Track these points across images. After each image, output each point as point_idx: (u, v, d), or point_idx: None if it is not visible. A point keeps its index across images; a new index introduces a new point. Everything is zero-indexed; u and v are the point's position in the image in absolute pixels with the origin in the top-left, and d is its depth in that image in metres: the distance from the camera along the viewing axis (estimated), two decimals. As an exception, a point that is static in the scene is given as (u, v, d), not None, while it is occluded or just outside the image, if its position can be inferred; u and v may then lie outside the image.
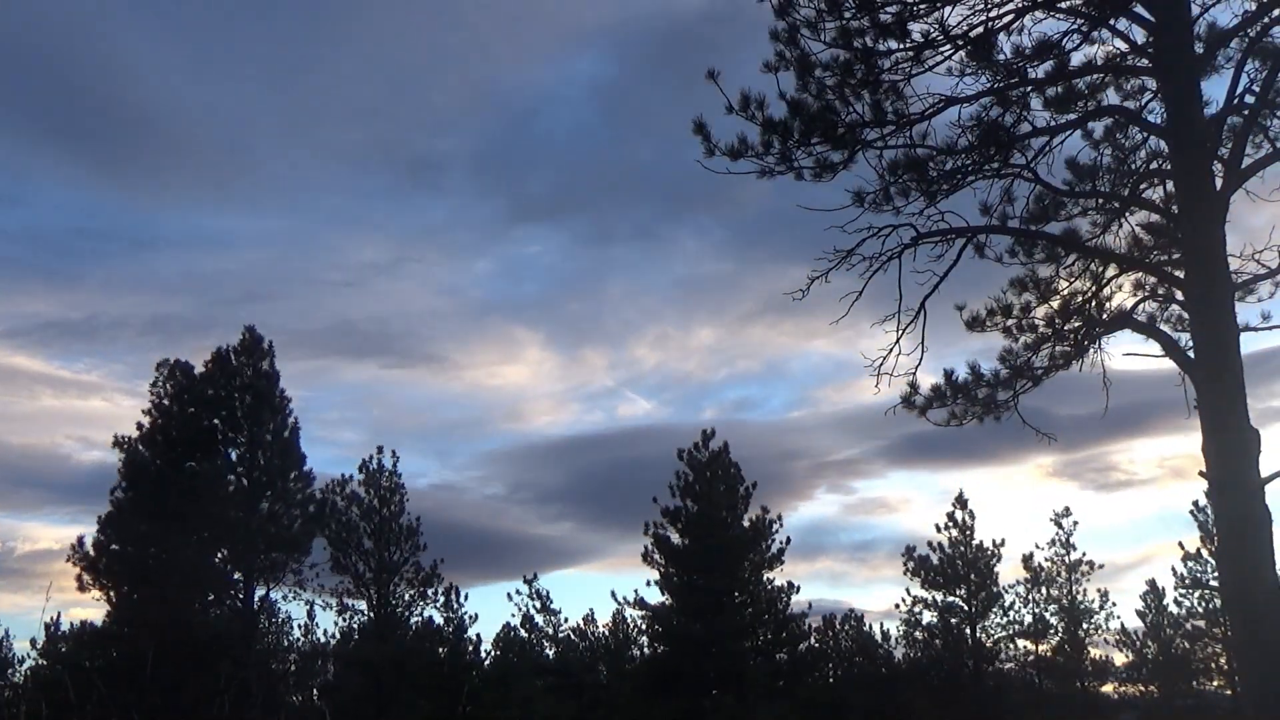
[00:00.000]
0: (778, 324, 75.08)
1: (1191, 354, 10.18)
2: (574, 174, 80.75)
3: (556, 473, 74.48)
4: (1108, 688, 36.19)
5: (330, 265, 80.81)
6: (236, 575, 26.82)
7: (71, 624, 29.24)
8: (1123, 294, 12.17)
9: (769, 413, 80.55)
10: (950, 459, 67.83)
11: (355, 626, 29.93)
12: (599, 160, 78.43)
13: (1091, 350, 11.98)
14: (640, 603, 29.58)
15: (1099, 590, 35.06)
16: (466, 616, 29.70)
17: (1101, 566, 34.98)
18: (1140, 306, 11.95)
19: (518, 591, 34.56)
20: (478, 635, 32.86)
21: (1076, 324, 11.97)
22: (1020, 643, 34.57)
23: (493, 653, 32.90)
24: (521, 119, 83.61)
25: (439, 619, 29.49)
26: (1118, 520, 74.27)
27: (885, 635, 37.06)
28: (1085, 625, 34.54)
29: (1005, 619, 34.20)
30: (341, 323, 79.46)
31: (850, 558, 66.29)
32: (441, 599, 29.49)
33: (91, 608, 46.47)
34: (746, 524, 29.41)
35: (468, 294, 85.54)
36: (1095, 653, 35.17)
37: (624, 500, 64.22)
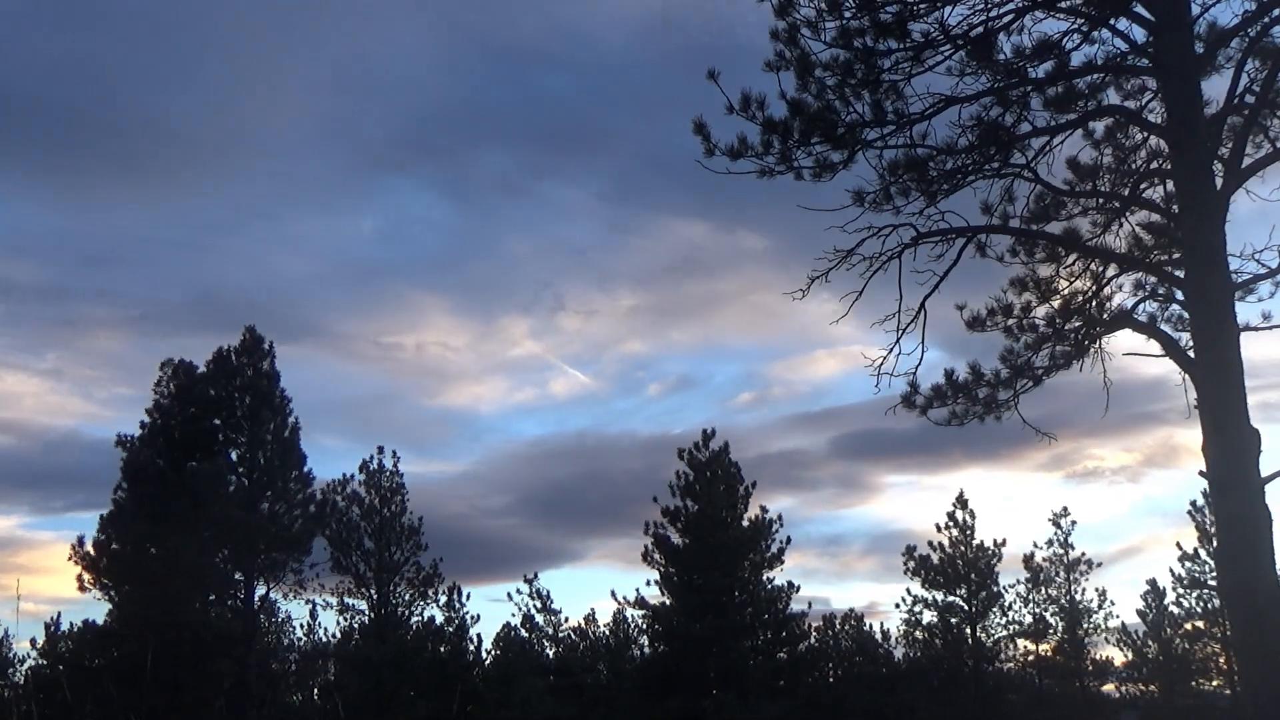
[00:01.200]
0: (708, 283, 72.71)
1: (1191, 354, 10.18)
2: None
3: (519, 466, 70.64)
4: (1108, 687, 36.22)
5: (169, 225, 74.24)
6: (237, 575, 26.85)
7: (72, 624, 29.26)
8: (1123, 294, 12.23)
9: (714, 391, 77.47)
10: (930, 454, 65.91)
11: (356, 626, 29.95)
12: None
13: (1092, 350, 12.00)
14: (640, 602, 29.62)
15: (1098, 590, 35.14)
16: (468, 616, 29.76)
17: (1100, 565, 35.04)
18: (1140, 306, 11.99)
19: (518, 591, 34.65)
20: (478, 635, 32.90)
21: (1077, 324, 11.99)
22: (1020, 643, 34.63)
23: (493, 653, 32.92)
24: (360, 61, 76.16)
25: (440, 619, 29.51)
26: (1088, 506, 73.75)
27: (885, 635, 37.12)
28: (1085, 625, 34.54)
29: (1005, 619, 34.25)
30: (200, 294, 71.00)
31: (821, 552, 65.64)
32: (443, 599, 29.53)
33: (92, 607, 46.48)
34: (746, 524, 29.42)
35: (344, 255, 78.74)
36: (1095, 652, 35.24)
37: (600, 505, 63.27)
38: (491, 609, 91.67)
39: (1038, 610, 34.57)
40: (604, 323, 77.33)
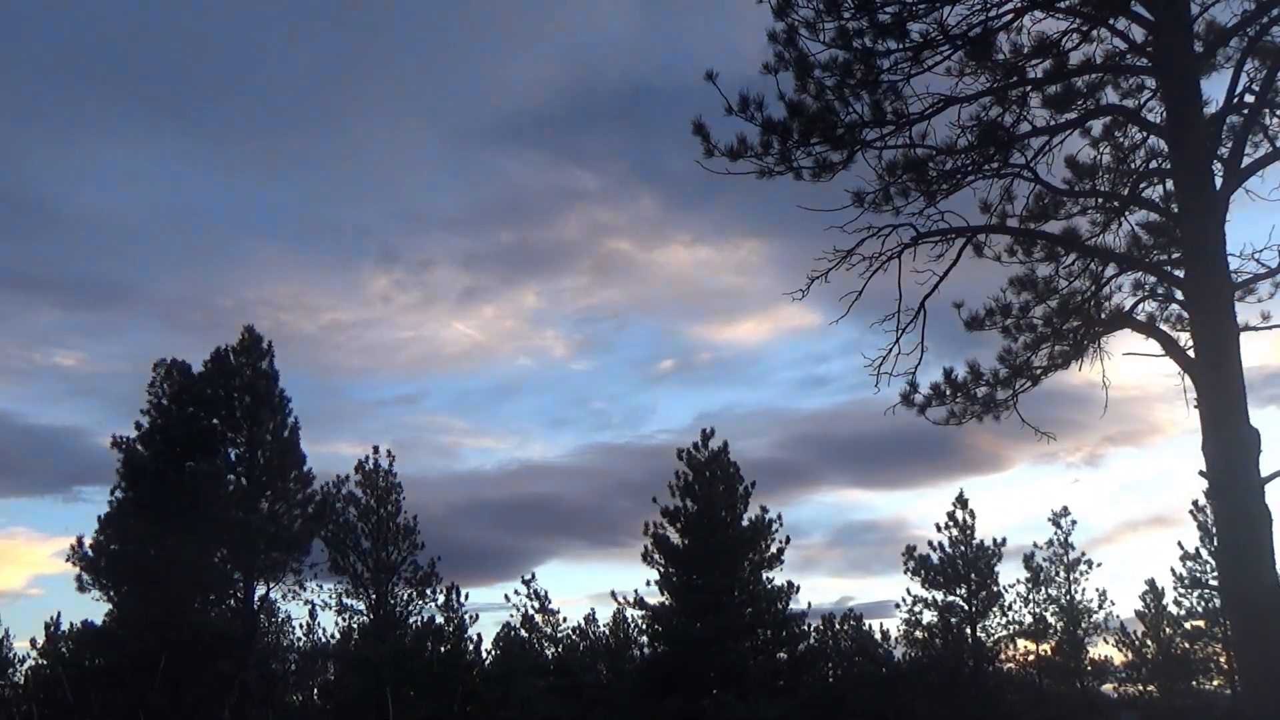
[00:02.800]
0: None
1: (1191, 354, 10.17)
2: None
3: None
4: (1108, 687, 36.22)
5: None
6: (236, 575, 26.81)
7: (71, 624, 29.27)
8: (1122, 293, 12.21)
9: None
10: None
11: (355, 627, 29.94)
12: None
13: (1091, 350, 11.98)
14: (640, 602, 29.60)
15: (1098, 590, 35.15)
16: (467, 616, 29.75)
17: (1100, 565, 35.04)
18: (1140, 306, 11.97)
19: (515, 591, 34.66)
20: (478, 635, 32.87)
21: (1076, 323, 11.97)
22: (1020, 642, 34.63)
23: (493, 653, 32.92)
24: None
25: (439, 619, 29.50)
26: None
27: (885, 635, 37.12)
28: (1084, 624, 34.54)
29: (1005, 619, 34.24)
30: None
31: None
32: (441, 598, 29.52)
33: (92, 607, 46.39)
34: (746, 524, 29.42)
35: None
36: (1095, 652, 35.25)
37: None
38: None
39: (1038, 610, 34.60)
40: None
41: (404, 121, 78.25)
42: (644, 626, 30.76)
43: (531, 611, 34.29)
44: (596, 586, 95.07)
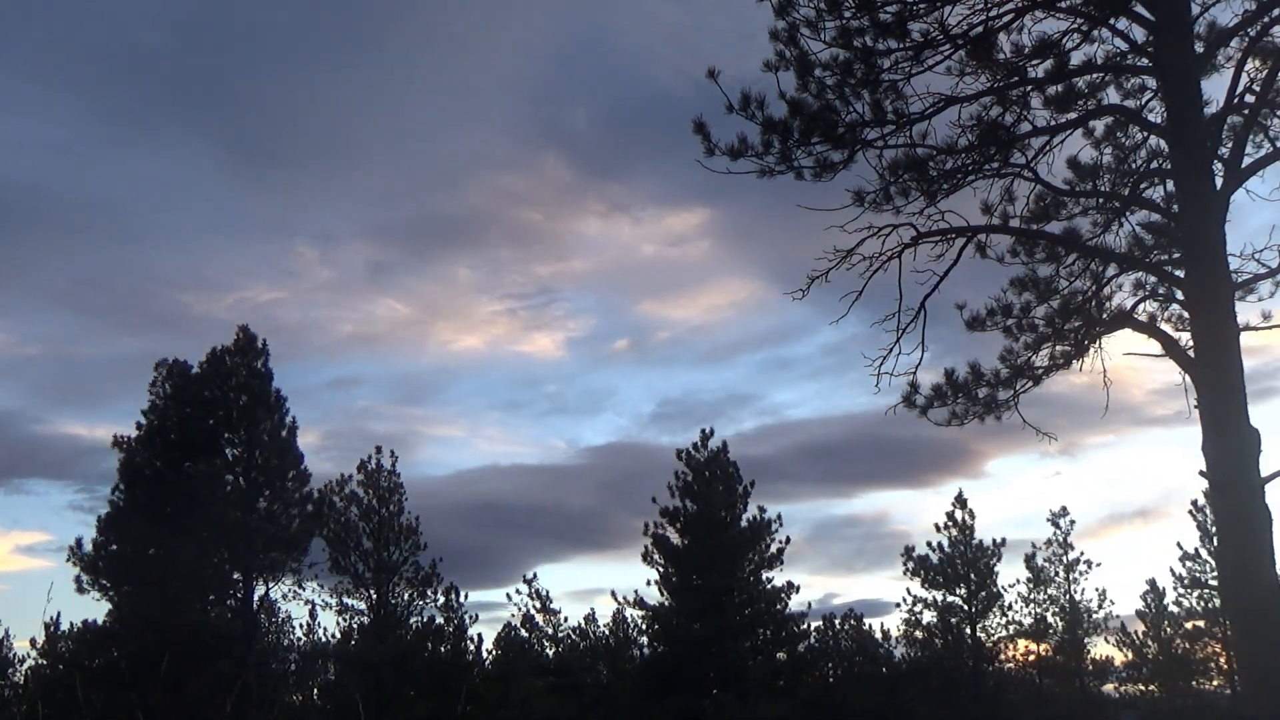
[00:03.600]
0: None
1: (1191, 354, 10.17)
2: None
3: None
4: (1108, 687, 36.22)
5: None
6: (236, 575, 26.80)
7: (72, 623, 29.23)
8: (1123, 293, 12.21)
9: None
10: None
11: (355, 626, 29.93)
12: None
13: (1091, 350, 11.99)
14: (640, 603, 29.61)
15: (1097, 590, 35.16)
16: (467, 616, 29.75)
17: (1099, 565, 35.05)
18: (1140, 306, 11.97)
19: (517, 591, 34.64)
20: (478, 635, 32.86)
21: (1077, 323, 11.97)
22: (1020, 642, 34.63)
23: (493, 652, 32.91)
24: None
25: (439, 619, 29.50)
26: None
27: (885, 635, 37.12)
28: (1084, 624, 34.54)
29: (1005, 619, 34.24)
30: None
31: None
32: (441, 599, 29.51)
33: (92, 607, 46.25)
34: (745, 524, 29.42)
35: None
36: (1095, 652, 35.25)
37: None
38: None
39: (1038, 610, 34.60)
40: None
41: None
42: (644, 626, 30.77)
43: (532, 611, 34.30)
44: (577, 584, 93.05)
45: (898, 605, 34.86)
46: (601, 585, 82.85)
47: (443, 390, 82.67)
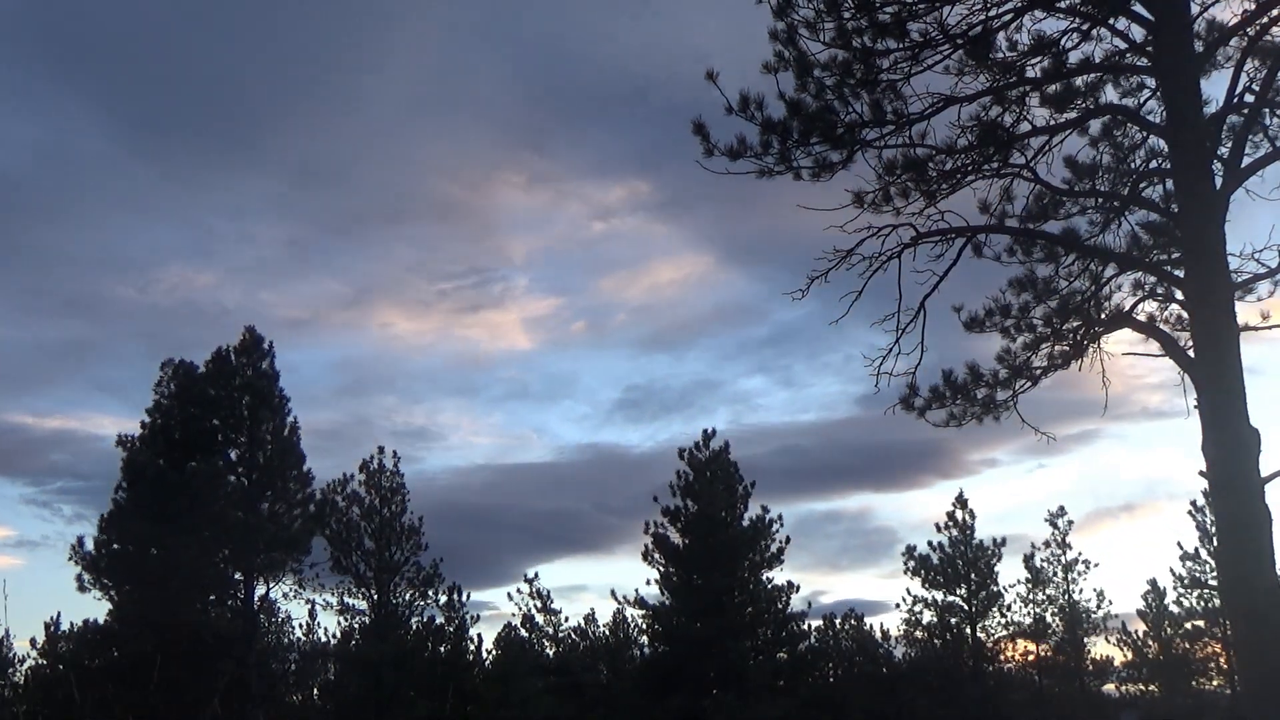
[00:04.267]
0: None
1: (1191, 354, 10.16)
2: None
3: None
4: (1108, 687, 36.22)
5: None
6: (237, 575, 26.82)
7: (72, 623, 29.27)
8: (1122, 293, 12.18)
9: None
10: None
11: (356, 626, 29.94)
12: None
13: (1091, 350, 11.98)
14: (640, 602, 29.61)
15: (1095, 590, 35.15)
16: (468, 616, 29.76)
17: (1097, 565, 35.05)
18: (1140, 306, 11.95)
19: (518, 590, 34.66)
20: (478, 635, 32.86)
21: (1075, 323, 11.96)
22: (1020, 643, 34.63)
23: (493, 652, 32.93)
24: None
25: (440, 619, 29.51)
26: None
27: (885, 635, 37.13)
28: (1084, 624, 34.54)
29: (1005, 619, 34.24)
30: None
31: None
32: (443, 599, 29.53)
33: (92, 607, 46.09)
34: (746, 523, 29.42)
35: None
36: (1095, 652, 35.25)
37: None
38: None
39: (1038, 610, 34.60)
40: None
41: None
42: (644, 626, 30.78)
43: (533, 611, 34.32)
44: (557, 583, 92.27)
45: (897, 605, 34.92)
46: (582, 583, 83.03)
47: (393, 375, 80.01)
